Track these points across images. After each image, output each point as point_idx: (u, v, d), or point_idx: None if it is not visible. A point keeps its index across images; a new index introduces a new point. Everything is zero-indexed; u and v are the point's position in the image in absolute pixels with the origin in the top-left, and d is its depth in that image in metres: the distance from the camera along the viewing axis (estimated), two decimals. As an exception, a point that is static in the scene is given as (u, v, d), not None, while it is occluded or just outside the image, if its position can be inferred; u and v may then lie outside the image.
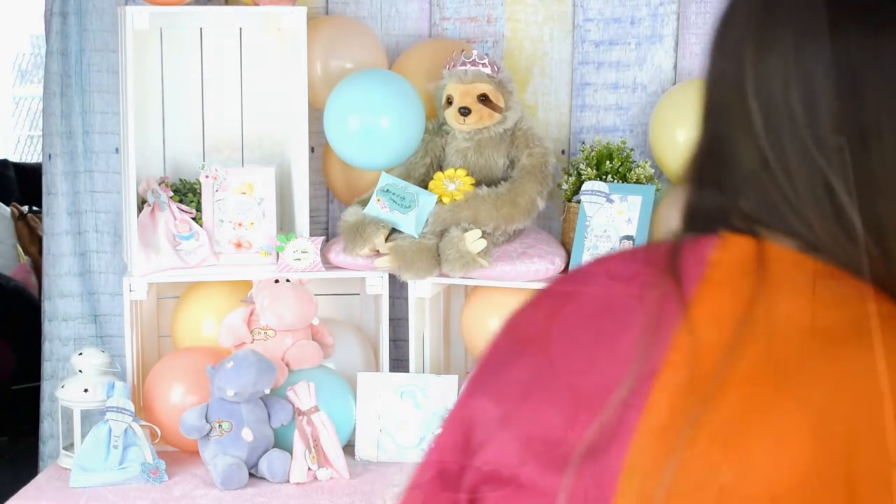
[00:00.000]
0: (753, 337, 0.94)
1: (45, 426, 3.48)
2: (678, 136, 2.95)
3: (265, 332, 2.89)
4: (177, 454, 2.91)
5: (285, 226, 3.12)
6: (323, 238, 3.07)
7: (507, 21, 3.27)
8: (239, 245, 3.01)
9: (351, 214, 2.97)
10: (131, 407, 2.80)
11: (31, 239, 5.32)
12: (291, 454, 2.79)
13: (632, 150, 3.06)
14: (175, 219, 2.99)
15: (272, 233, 3.02)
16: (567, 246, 3.01)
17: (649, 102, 3.21)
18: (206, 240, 2.99)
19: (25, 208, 5.48)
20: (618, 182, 2.94)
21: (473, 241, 2.86)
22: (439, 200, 2.93)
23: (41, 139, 3.46)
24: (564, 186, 3.03)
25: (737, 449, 0.90)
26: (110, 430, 2.78)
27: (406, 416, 2.91)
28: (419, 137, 3.05)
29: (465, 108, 2.94)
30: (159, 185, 3.03)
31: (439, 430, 1.11)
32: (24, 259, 5.26)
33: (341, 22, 3.22)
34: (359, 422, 2.92)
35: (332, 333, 3.00)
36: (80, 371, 2.94)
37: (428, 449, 1.12)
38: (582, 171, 2.99)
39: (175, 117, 3.17)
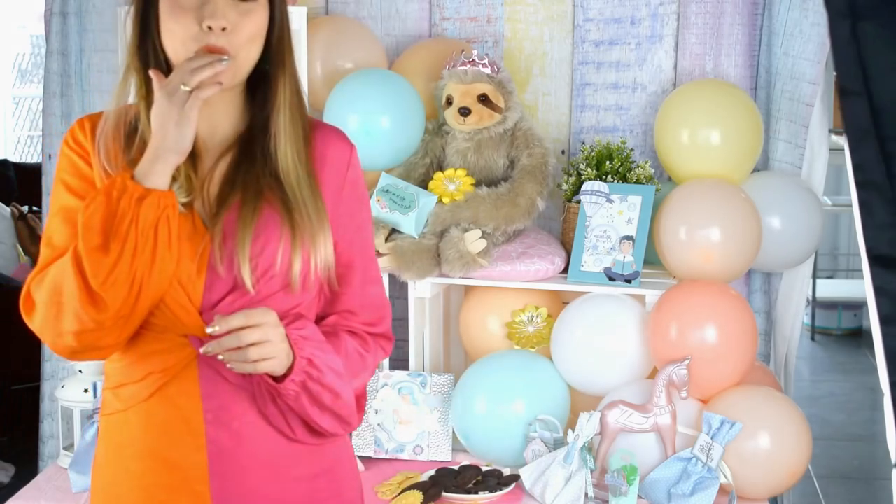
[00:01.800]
0: None
1: (45, 426, 3.48)
2: (683, 136, 2.95)
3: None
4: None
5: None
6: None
7: (507, 21, 3.27)
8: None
9: (351, 214, 2.97)
10: None
11: (31, 239, 5.32)
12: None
13: (632, 150, 3.05)
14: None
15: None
16: (567, 246, 3.01)
17: (649, 102, 3.21)
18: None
19: (25, 208, 5.49)
20: (618, 182, 2.94)
21: (473, 241, 2.86)
22: (439, 200, 2.93)
23: (41, 139, 3.46)
24: (564, 186, 3.03)
25: None
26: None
27: (404, 412, 2.91)
28: (419, 137, 3.05)
29: (465, 108, 2.94)
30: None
31: None
32: (24, 259, 5.27)
33: (341, 22, 3.22)
34: (359, 422, 2.92)
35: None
36: (80, 371, 2.94)
37: None
38: (582, 171, 2.99)
39: (175, 117, 3.16)
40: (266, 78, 1.76)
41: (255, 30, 1.70)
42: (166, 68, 1.70)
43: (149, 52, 1.71)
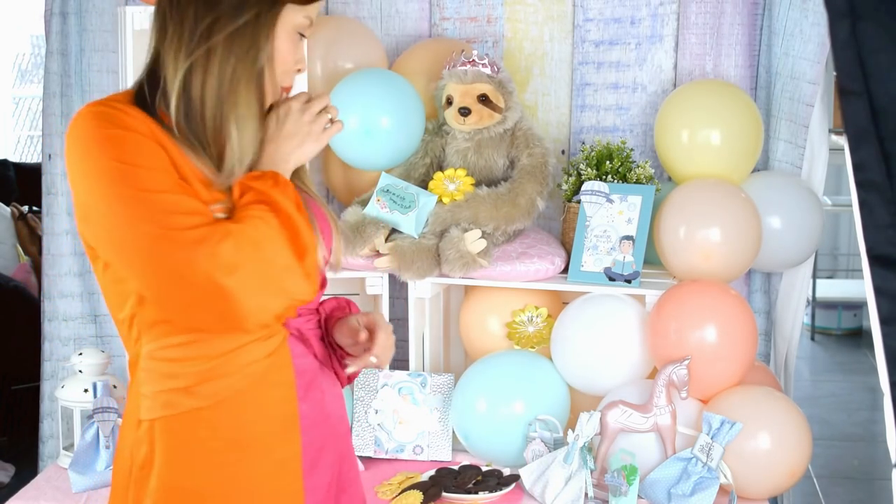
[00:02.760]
0: None
1: (45, 426, 3.48)
2: (683, 136, 2.95)
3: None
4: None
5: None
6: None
7: (507, 21, 3.27)
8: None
9: (351, 214, 2.97)
10: (115, 404, 2.80)
11: (31, 239, 5.33)
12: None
13: (632, 150, 3.05)
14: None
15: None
16: (567, 246, 3.01)
17: (649, 102, 3.21)
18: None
19: (25, 208, 5.49)
20: (618, 182, 2.94)
21: (473, 241, 2.86)
22: (439, 200, 2.93)
23: (41, 139, 3.47)
24: (564, 186, 3.03)
25: None
26: (99, 431, 2.78)
27: (404, 412, 2.91)
28: (419, 137, 3.05)
29: (465, 108, 2.94)
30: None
31: None
32: (24, 259, 5.26)
33: (341, 22, 3.22)
34: (356, 418, 2.92)
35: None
36: (80, 371, 2.94)
37: None
38: (582, 171, 2.99)
39: (175, 117, 3.16)
40: None
41: None
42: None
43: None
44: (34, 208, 5.42)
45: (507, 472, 2.78)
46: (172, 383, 1.73)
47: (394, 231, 2.96)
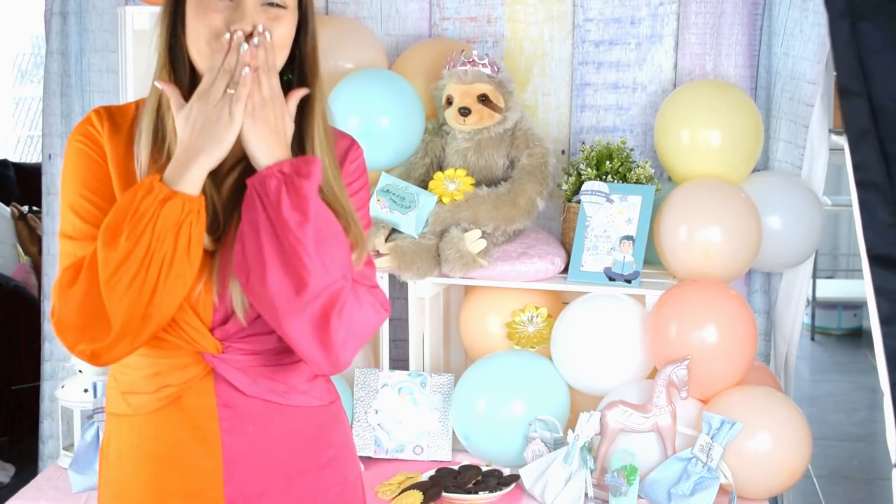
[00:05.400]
0: None
1: (45, 426, 3.48)
2: (683, 136, 2.95)
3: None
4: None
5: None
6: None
7: (507, 21, 3.27)
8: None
9: (351, 214, 2.97)
10: None
11: (31, 239, 5.33)
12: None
13: (632, 150, 3.05)
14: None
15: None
16: (567, 246, 3.01)
17: (649, 102, 3.21)
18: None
19: (25, 208, 5.49)
20: (618, 182, 2.94)
21: (473, 241, 2.86)
22: (439, 200, 2.93)
23: (41, 139, 3.47)
24: (564, 186, 3.03)
25: None
26: (99, 431, 2.77)
27: (404, 412, 2.91)
28: (419, 137, 3.05)
29: (465, 108, 2.94)
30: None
31: None
32: (24, 259, 5.27)
33: (341, 22, 3.22)
34: (356, 418, 2.92)
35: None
36: (80, 371, 2.94)
37: None
38: (582, 171, 2.99)
39: (175, 117, 3.16)
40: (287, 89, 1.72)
41: (282, 37, 1.69)
42: (191, 74, 1.67)
43: (177, 58, 1.68)
44: (34, 208, 5.42)
45: (507, 472, 2.78)
46: (116, 385, 1.77)
47: (394, 231, 2.96)
